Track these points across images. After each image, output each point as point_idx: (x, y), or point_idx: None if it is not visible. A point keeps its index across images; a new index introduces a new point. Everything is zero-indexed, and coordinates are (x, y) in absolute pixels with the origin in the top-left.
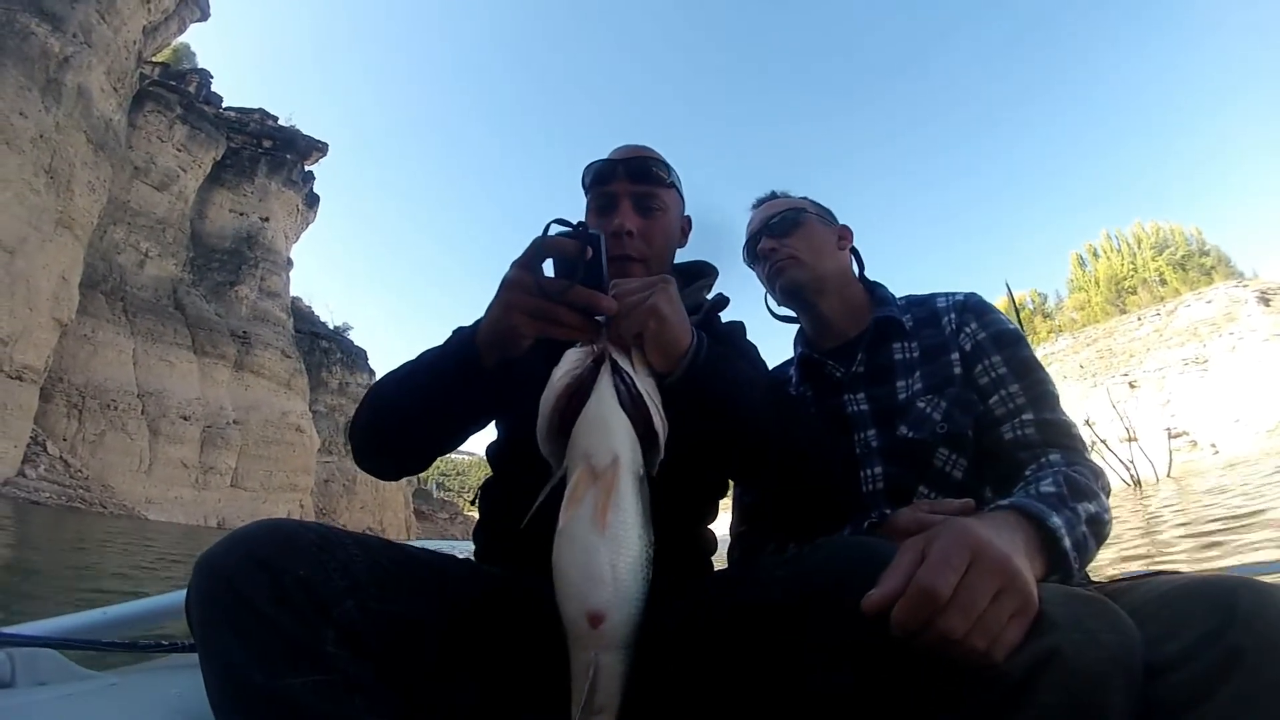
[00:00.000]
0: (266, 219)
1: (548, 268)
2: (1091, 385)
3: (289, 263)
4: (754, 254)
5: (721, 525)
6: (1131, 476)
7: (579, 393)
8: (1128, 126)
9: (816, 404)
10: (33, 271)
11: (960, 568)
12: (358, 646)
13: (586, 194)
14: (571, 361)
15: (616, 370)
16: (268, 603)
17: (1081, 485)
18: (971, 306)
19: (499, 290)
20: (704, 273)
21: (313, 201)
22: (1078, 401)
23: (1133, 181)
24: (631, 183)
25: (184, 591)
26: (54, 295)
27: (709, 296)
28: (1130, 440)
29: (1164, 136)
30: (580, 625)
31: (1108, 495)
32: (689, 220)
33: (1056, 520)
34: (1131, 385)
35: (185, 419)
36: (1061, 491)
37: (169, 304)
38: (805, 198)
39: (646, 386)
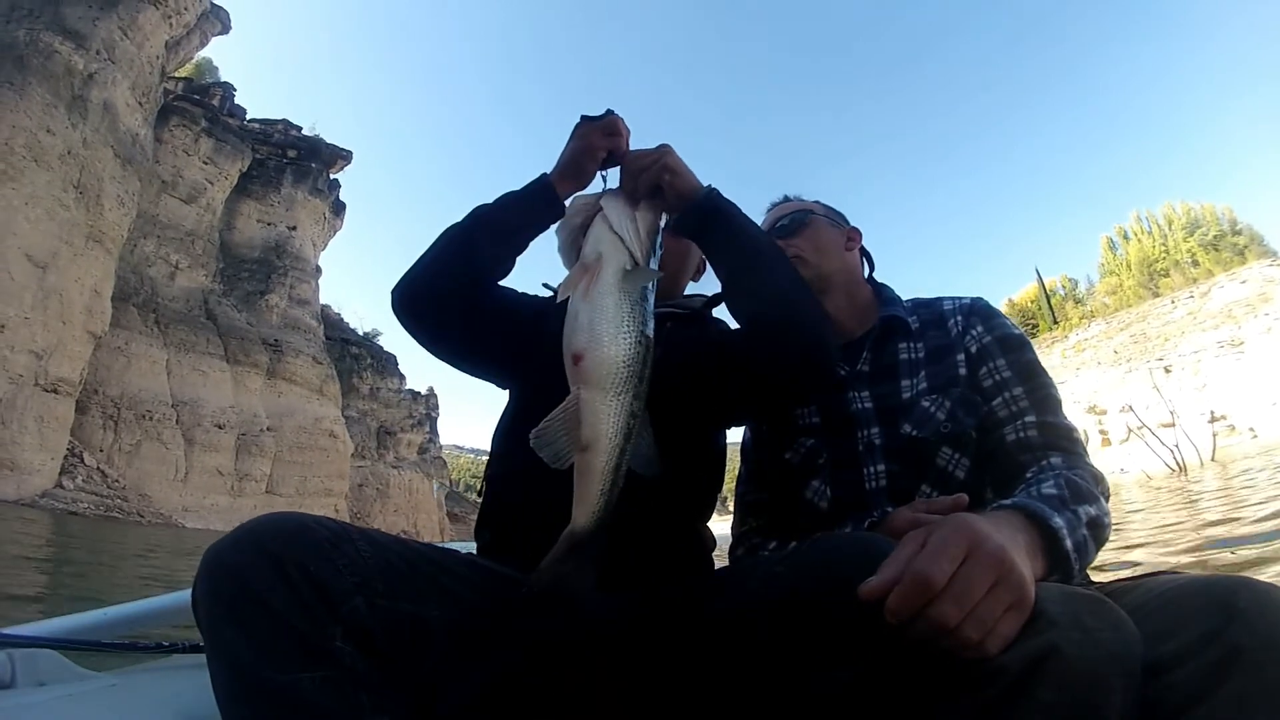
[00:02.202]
0: (294, 228)
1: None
2: (1126, 371)
3: (317, 270)
4: None
5: (722, 525)
6: (1176, 461)
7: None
8: (1156, 107)
9: (819, 401)
10: (65, 286)
11: (957, 558)
12: (365, 643)
13: None
14: (581, 201)
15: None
16: (277, 598)
17: (1083, 489)
18: (978, 310)
19: (574, 133)
20: (701, 294)
21: (339, 209)
22: (1114, 387)
23: (1161, 162)
24: None
25: (185, 593)
26: (87, 308)
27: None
28: (1171, 426)
29: (1194, 116)
30: (569, 366)
31: (1107, 499)
32: (704, 263)
33: (1059, 521)
34: (1167, 370)
35: (220, 427)
36: (1063, 494)
37: (200, 314)
38: (817, 201)
39: (640, 220)
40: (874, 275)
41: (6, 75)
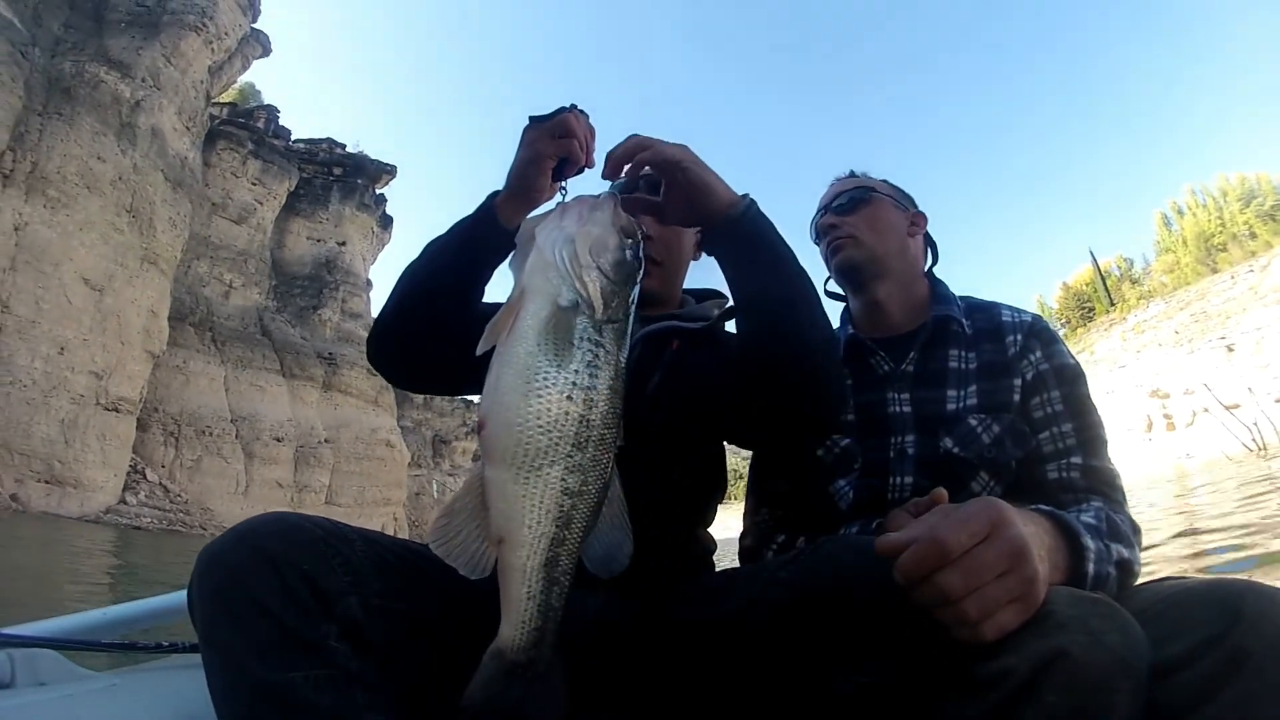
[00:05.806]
0: (343, 243)
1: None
2: (1189, 352)
3: (368, 284)
4: (817, 231)
5: (723, 529)
6: (1255, 440)
7: None
8: (1207, 73)
9: (854, 395)
10: (122, 307)
11: (977, 534)
12: (359, 642)
13: None
14: (530, 225)
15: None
16: (272, 597)
17: (1121, 530)
18: (1039, 333)
19: (520, 140)
20: (714, 295)
21: (386, 223)
22: (1177, 369)
23: (1214, 132)
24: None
25: (183, 593)
26: (144, 329)
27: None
28: (1237, 406)
29: (1245, 82)
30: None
31: (1140, 550)
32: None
33: (1089, 541)
34: (1230, 349)
35: (278, 440)
36: (1101, 526)
37: (256, 331)
38: (884, 180)
39: (585, 238)
40: (934, 269)
41: (55, 106)
